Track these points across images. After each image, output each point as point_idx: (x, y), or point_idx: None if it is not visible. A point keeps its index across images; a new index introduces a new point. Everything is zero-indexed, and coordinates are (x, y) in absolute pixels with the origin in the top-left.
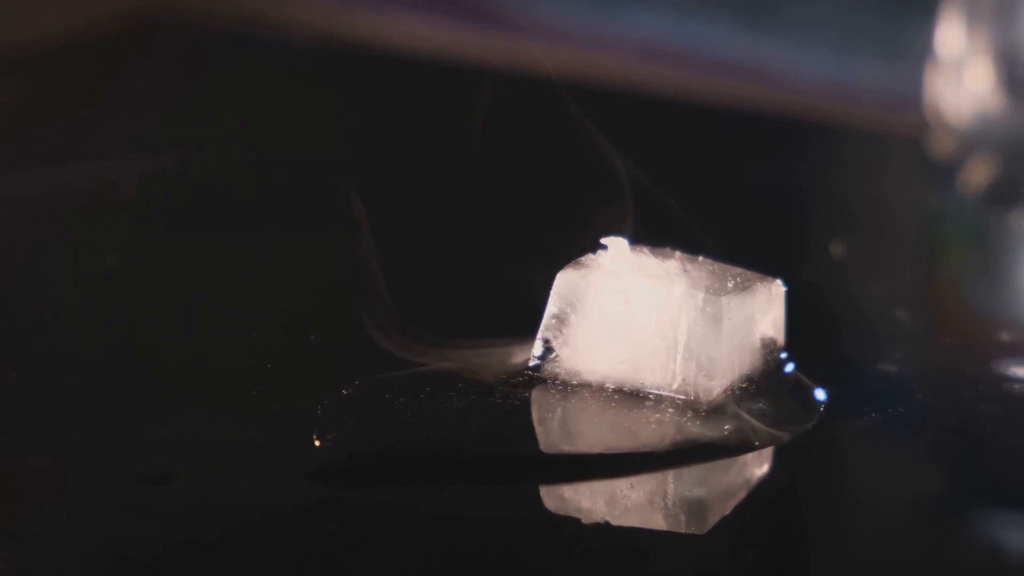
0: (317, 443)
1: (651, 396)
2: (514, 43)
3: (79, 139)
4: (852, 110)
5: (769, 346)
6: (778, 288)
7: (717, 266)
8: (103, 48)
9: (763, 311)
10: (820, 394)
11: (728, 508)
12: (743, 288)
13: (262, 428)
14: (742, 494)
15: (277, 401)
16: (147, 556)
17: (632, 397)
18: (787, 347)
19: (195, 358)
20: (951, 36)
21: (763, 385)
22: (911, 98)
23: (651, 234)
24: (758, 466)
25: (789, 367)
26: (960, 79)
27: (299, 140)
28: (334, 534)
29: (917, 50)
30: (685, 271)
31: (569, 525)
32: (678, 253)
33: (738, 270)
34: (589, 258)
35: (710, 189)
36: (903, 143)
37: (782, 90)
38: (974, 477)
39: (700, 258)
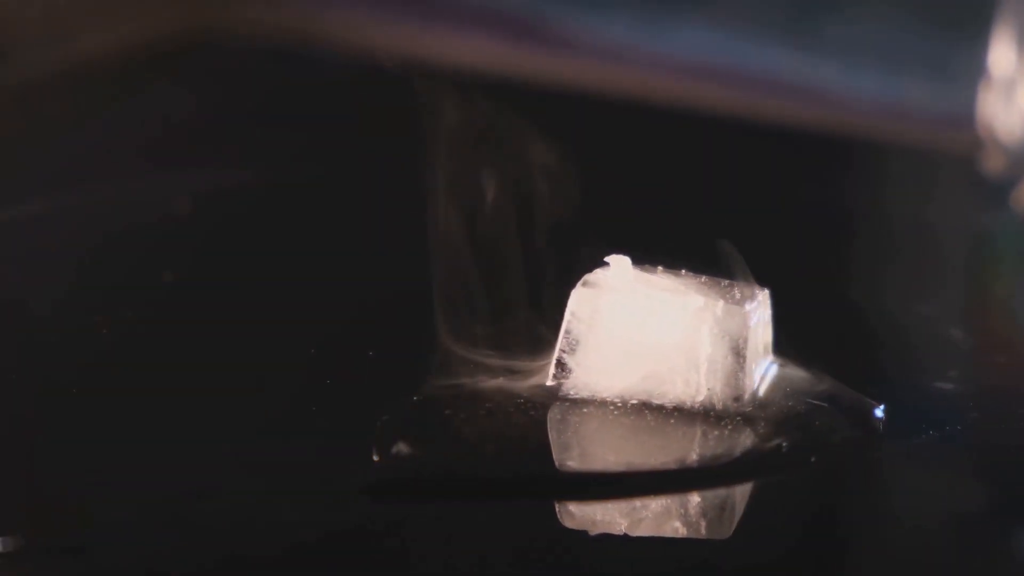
0: (376, 459)
1: (676, 410)
2: (562, 61)
3: (132, 156)
4: (903, 128)
5: (768, 352)
6: (766, 295)
7: (705, 278)
8: (155, 66)
9: (765, 320)
10: (879, 412)
11: (777, 525)
12: (750, 297)
13: (320, 444)
14: (791, 511)
15: (335, 417)
16: (202, 573)
17: (659, 412)
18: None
19: (252, 374)
20: (1004, 55)
21: (778, 392)
22: (962, 116)
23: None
24: (809, 482)
25: (782, 368)
26: (1013, 98)
27: (349, 157)
28: (391, 551)
29: (968, 68)
30: (689, 285)
31: (634, 543)
32: (660, 268)
33: (725, 281)
34: (597, 276)
35: (758, 208)
36: (954, 162)
37: (832, 109)
38: None
39: (683, 272)
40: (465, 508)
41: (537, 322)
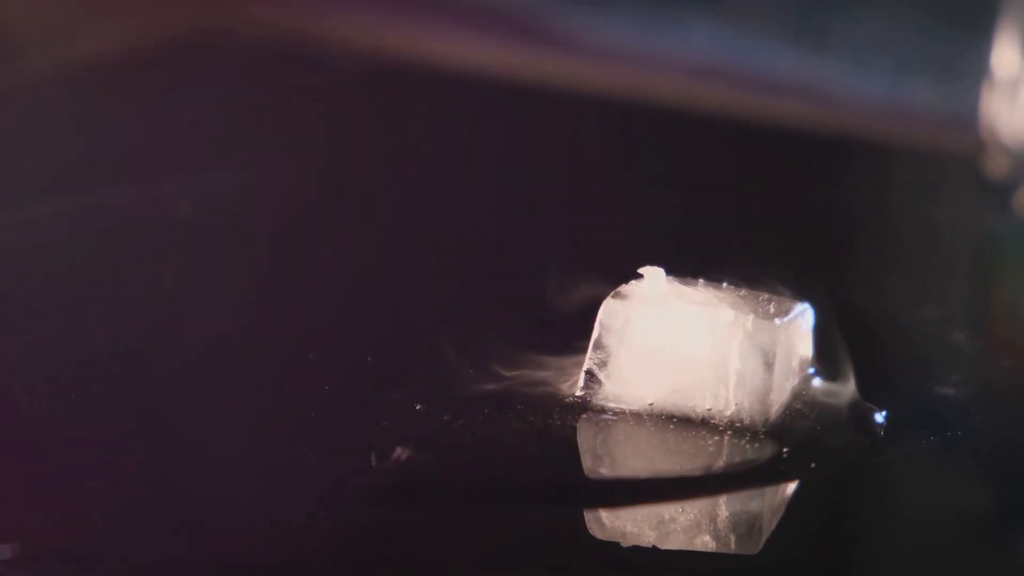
0: (374, 464)
1: (703, 423)
2: (566, 62)
3: (133, 156)
4: (907, 130)
5: (806, 367)
6: (807, 311)
7: (745, 292)
8: (156, 66)
9: (801, 334)
10: (879, 417)
11: (783, 531)
12: (784, 312)
13: (319, 449)
14: (798, 516)
15: (334, 423)
16: None
17: (685, 424)
18: (815, 367)
19: (251, 379)
20: (1007, 56)
21: (813, 406)
22: (966, 118)
23: (671, 264)
24: (815, 488)
25: (817, 383)
26: (1016, 99)
27: (352, 159)
28: (390, 557)
29: (972, 70)
30: (723, 299)
31: (631, 552)
32: (702, 281)
33: (764, 295)
34: (630, 287)
35: (764, 210)
36: (958, 163)
37: (837, 110)
38: None
39: (724, 285)
40: (463, 514)
41: (552, 331)
